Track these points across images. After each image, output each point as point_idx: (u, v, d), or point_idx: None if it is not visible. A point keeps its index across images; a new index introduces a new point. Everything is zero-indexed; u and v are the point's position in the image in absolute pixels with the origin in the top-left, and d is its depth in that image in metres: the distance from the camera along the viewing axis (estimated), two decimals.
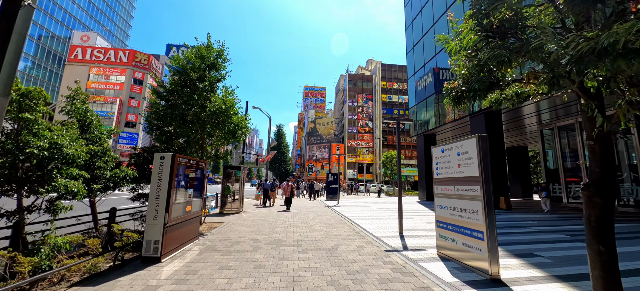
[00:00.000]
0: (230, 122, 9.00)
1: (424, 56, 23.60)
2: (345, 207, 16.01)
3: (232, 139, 9.46)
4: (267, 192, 17.88)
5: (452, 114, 19.21)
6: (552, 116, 17.52)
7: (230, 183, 12.88)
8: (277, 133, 65.55)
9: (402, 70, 62.39)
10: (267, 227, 8.62)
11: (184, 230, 5.78)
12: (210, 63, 9.06)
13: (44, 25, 63.52)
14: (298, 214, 12.07)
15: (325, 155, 59.87)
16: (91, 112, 5.63)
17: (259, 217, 10.89)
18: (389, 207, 16.32)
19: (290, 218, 10.62)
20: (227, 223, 9.42)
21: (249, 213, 12.02)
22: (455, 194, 5.05)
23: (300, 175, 70.14)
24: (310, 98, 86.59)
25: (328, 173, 23.32)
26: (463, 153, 4.88)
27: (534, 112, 16.99)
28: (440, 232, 5.51)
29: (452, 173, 5.15)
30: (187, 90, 8.42)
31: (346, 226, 8.89)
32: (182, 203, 5.67)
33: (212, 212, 12.50)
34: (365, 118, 60.11)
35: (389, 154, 36.03)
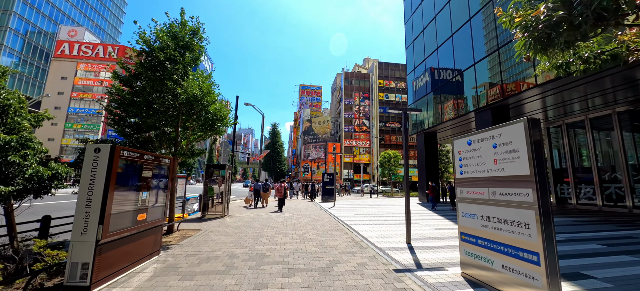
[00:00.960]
0: (208, 111, 7.67)
1: (425, 51, 22.47)
2: (342, 209, 14.75)
3: (210, 132, 8.11)
4: (258, 192, 16.64)
5: (454, 111, 18.10)
6: (559, 112, 16.50)
7: (217, 183, 11.54)
8: (272, 132, 64.12)
9: (399, 69, 61.45)
10: (250, 236, 7.30)
11: (135, 245, 4.45)
12: (184, 43, 7.73)
13: (30, 20, 61.18)
14: (290, 218, 10.78)
15: (321, 155, 58.60)
16: (9, 92, 4.29)
17: (245, 222, 9.57)
18: (389, 209, 15.11)
19: (280, 224, 9.31)
20: (206, 230, 8.08)
21: (235, 218, 10.68)
22: (490, 199, 3.81)
23: (296, 175, 68.75)
24: (306, 97, 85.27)
25: (324, 173, 22.06)
26: (502, 145, 3.64)
27: (540, 109, 15.95)
28: (466, 248, 4.27)
29: (485, 172, 3.91)
30: (157, 75, 7.07)
31: (343, 235, 7.62)
32: (130, 211, 4.34)
33: (193, 216, 11.15)
34: (362, 117, 59.00)
35: (386, 153, 34.91)
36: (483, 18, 16.01)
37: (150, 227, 4.91)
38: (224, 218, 10.49)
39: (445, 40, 19.52)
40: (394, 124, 57.78)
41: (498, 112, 15.19)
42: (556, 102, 14.77)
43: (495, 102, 14.57)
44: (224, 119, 8.08)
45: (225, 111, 8.07)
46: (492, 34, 15.14)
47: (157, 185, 5.11)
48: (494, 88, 14.74)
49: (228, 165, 11.22)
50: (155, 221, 5.09)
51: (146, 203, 4.72)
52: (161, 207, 5.31)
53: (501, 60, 14.37)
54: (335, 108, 71.07)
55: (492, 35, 15.09)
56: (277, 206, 14.22)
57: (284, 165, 66.59)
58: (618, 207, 14.04)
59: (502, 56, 14.34)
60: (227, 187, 11.38)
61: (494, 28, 15.01)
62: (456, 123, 19.58)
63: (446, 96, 19.42)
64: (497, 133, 3.75)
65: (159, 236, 5.24)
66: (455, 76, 18.15)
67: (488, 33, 15.49)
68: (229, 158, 17.59)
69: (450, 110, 18.58)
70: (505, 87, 14.00)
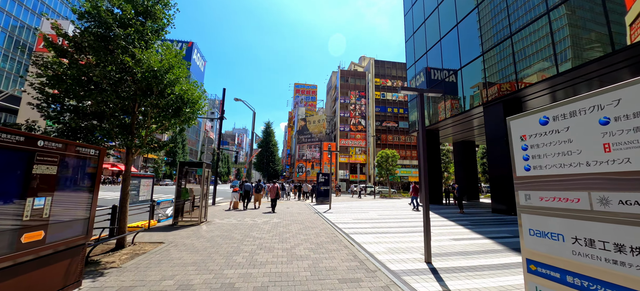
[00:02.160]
0: (172, 92, 6.03)
1: (426, 43, 21.10)
2: (338, 213, 13.19)
3: (176, 121, 6.45)
4: (249, 193, 15.13)
5: (456, 107, 16.73)
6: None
7: (200, 184, 9.86)
8: (265, 131, 62.29)
9: (396, 68, 60.29)
10: (224, 252, 5.68)
11: (16, 283, 2.81)
12: (144, 8, 6.10)
13: (11, 12, 58.25)
14: (278, 224, 9.18)
15: (316, 155, 57.04)
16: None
17: (223, 231, 7.94)
18: (391, 212, 13.62)
19: (265, 233, 7.70)
20: (169, 243, 6.43)
21: (213, 225, 9.03)
22: (593, 210, 2.30)
23: (290, 176, 67.05)
24: (300, 96, 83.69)
25: (319, 173, 20.51)
26: (622, 119, 2.14)
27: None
28: (539, 284, 2.75)
29: (582, 165, 2.40)
30: (100, 43, 5.43)
31: (343, 249, 6.05)
32: (7, 231, 2.71)
33: (165, 222, 9.47)
34: (358, 116, 57.60)
35: (384, 153, 33.48)
36: (492, 3, 14.67)
37: (57, 250, 3.27)
38: (199, 226, 8.83)
39: (449, 31, 18.17)
40: (390, 123, 56.57)
41: (510, 105, 13.87)
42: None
43: (509, 93, 13.21)
44: (193, 104, 6.44)
45: (195, 94, 6.43)
46: (503, 19, 13.80)
47: (70, 186, 3.46)
48: (506, 79, 13.37)
49: (206, 163, 9.55)
50: (69, 240, 3.45)
51: (43, 214, 3.07)
52: (82, 221, 3.66)
53: (515, 50, 13.03)
54: (330, 107, 69.63)
55: (504, 23, 13.76)
56: (270, 206, 14.13)
57: (278, 165, 64.80)
58: None
59: (516, 46, 13.00)
60: (205, 189, 9.71)
61: (505, 11, 13.66)
62: (458, 121, 18.23)
63: (449, 92, 18.04)
64: (609, 98, 2.24)
65: (77, 262, 3.59)
66: (461, 68, 16.79)
67: (498, 18, 14.15)
68: (213, 155, 15.90)
69: (454, 106, 17.20)
70: (518, 80, 12.64)
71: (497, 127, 14.00)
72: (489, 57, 14.62)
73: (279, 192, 15.62)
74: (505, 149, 13.47)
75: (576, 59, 10.38)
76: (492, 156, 14.42)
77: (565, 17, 10.82)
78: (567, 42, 10.66)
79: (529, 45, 12.29)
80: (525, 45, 12.55)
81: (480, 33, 15.37)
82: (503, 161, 13.55)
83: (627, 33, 8.90)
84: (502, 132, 13.65)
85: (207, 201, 10.07)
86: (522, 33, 12.72)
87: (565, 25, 10.81)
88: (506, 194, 13.29)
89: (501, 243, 6.71)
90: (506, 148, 13.38)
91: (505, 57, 13.81)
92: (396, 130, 56.72)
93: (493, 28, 14.63)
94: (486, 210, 14.86)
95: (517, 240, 7.01)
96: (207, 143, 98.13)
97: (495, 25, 14.43)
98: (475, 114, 16.85)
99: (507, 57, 13.51)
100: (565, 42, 10.73)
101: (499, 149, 13.86)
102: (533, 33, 12.19)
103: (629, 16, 8.89)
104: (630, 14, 8.88)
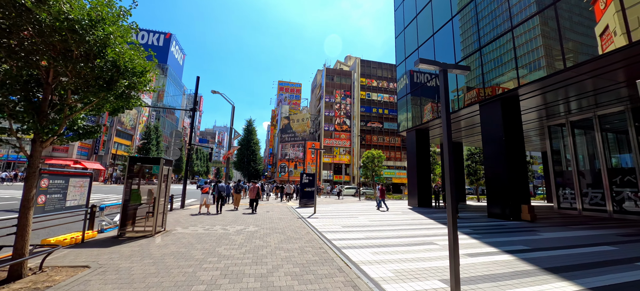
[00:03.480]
0: (104, 54, 4.26)
1: (418, 38, 20.17)
2: (324, 217, 11.70)
3: (109, 98, 4.66)
4: (222, 194, 13.35)
5: (456, 104, 15.83)
6: (565, 109, 14.79)
7: (165, 183, 7.96)
8: (247, 128, 59.73)
9: (382, 68, 59.89)
10: (168, 285, 4.00)
11: None
12: None
13: None
14: (254, 235, 7.54)
15: (300, 154, 55.35)
16: None
17: (181, 247, 6.19)
18: (382, 216, 12.30)
19: (235, 250, 6.04)
20: (95, 269, 4.62)
21: (172, 236, 7.23)
22: None
23: (272, 176, 64.85)
24: (284, 94, 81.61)
25: (302, 173, 18.95)
26: None
27: (541, 106, 14.08)
28: None
29: None
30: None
31: (338, 275, 4.55)
32: None
33: (109, 233, 7.55)
34: (343, 115, 56.58)
35: (370, 153, 32.48)
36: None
37: None
38: (153, 238, 6.99)
39: (443, 25, 17.26)
40: (375, 124, 55.99)
41: (508, 103, 13.04)
42: (543, 102, 12.83)
43: (509, 90, 12.33)
44: (134, 75, 4.67)
45: (137, 61, 4.67)
46: (504, 12, 12.95)
47: None
48: (506, 76, 12.49)
49: (165, 158, 7.69)
50: None
51: None
52: None
53: (516, 45, 12.18)
54: (315, 106, 68.18)
55: (505, 16, 12.90)
56: (250, 207, 13.73)
57: (259, 165, 62.40)
58: None
59: (518, 40, 12.16)
60: (161, 191, 7.85)
61: (506, 3, 12.81)
62: (454, 119, 17.37)
63: None
64: None
65: None
66: (457, 62, 15.87)
67: (499, 11, 13.28)
68: (179, 147, 13.91)
69: (449, 103, 16.26)
70: (519, 76, 11.78)
71: (495, 126, 13.12)
72: (487, 52, 13.74)
73: (260, 192, 14.75)
74: (503, 149, 12.60)
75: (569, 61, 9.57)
76: (489, 157, 13.53)
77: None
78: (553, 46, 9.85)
79: (533, 39, 11.45)
80: (529, 38, 11.70)
81: (478, 27, 14.50)
82: (501, 162, 12.68)
83: (599, 43, 9.00)
84: (500, 131, 12.78)
85: (166, 206, 8.21)
86: (525, 25, 11.88)
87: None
88: (504, 197, 12.41)
89: (526, 260, 5.51)
90: (504, 148, 12.52)
91: (503, 53, 12.97)
92: (381, 131, 56.23)
93: (491, 23, 13.79)
94: (481, 215, 13.96)
95: (541, 255, 5.87)
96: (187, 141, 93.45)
97: (494, 20, 13.58)
98: (465, 114, 16.02)
99: (508, 52, 12.66)
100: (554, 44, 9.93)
101: (497, 149, 12.98)
102: (534, 27, 11.36)
103: (598, 28, 9.08)
104: (598, 25, 9.06)
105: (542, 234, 8.56)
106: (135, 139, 59.87)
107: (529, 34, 11.72)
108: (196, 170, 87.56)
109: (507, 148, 12.48)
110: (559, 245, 7.07)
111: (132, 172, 7.57)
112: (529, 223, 11.02)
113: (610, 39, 8.61)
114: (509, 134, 12.67)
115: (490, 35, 13.67)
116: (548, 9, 10.79)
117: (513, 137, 12.72)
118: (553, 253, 6.20)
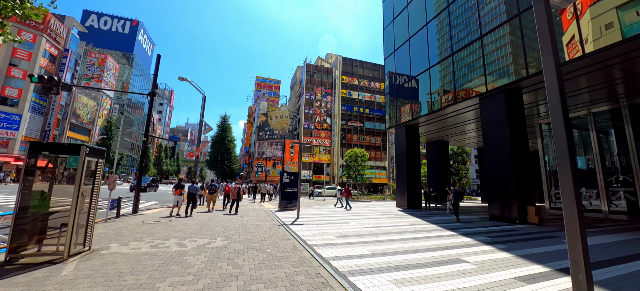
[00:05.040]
0: None
1: (409, 28, 18.91)
2: (310, 224, 9.75)
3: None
4: (194, 196, 11.25)
5: (449, 99, 14.64)
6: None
7: (93, 182, 5.56)
8: (221, 125, 56.05)
9: (363, 67, 59.09)
10: None
11: None
12: None
13: None
14: (221, 254, 5.43)
15: (278, 153, 52.83)
16: None
17: (99, 282, 3.97)
18: (378, 221, 10.57)
19: (186, 287, 3.94)
20: None
21: (97, 259, 4.91)
22: None
23: (248, 175, 61.56)
24: (262, 91, 78.37)
25: (281, 172, 16.83)
26: None
27: (541, 101, 13.32)
28: None
29: None
30: None
31: None
32: None
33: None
34: (324, 114, 54.89)
35: (353, 152, 31.05)
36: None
37: None
38: (63, 265, 4.65)
39: (439, 12, 16.04)
40: (356, 123, 54.98)
41: (512, 95, 11.97)
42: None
43: (513, 81, 11.20)
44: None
45: None
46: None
47: None
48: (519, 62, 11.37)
49: (88, 146, 5.31)
50: None
51: None
52: None
53: (523, 33, 11.10)
54: (294, 104, 65.86)
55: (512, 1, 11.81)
56: (230, 207, 13.06)
57: (235, 164, 58.93)
58: None
59: (525, 28, 11.08)
60: (85, 192, 5.47)
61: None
62: (449, 114, 16.23)
63: (438, 80, 15.91)
64: None
65: None
66: (452, 55, 14.69)
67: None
68: (131, 140, 11.14)
69: (446, 97, 15.03)
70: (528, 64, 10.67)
71: (497, 121, 11.98)
72: (489, 41, 12.61)
73: (241, 193, 13.89)
74: (507, 146, 11.47)
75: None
76: (490, 154, 12.39)
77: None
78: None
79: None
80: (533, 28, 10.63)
81: (479, 15, 13.36)
82: (504, 160, 11.55)
83: (565, 51, 9.29)
84: (503, 126, 11.64)
85: (93, 214, 5.80)
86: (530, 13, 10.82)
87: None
88: (508, 198, 11.26)
89: (608, 287, 4.00)
90: (509, 145, 11.38)
91: (505, 43, 11.88)
92: (361, 130, 55.32)
93: (494, 10, 12.69)
94: (479, 217, 12.79)
95: (609, 275, 4.42)
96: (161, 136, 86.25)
97: (498, 6, 12.48)
98: (471, 106, 14.89)
99: (515, 40, 11.56)
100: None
101: (500, 147, 11.85)
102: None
103: (565, 37, 9.35)
104: (566, 35, 9.33)
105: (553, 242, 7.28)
106: (93, 134, 53.85)
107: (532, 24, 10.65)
108: (165, 169, 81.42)
109: (512, 145, 11.36)
110: (606, 256, 5.74)
111: (34, 166, 5.11)
112: (539, 227, 9.88)
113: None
114: (514, 129, 11.57)
115: (491, 25, 12.55)
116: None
117: (518, 133, 11.64)
118: (617, 270, 4.78)
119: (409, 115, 18.14)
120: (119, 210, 10.35)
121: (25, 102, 41.32)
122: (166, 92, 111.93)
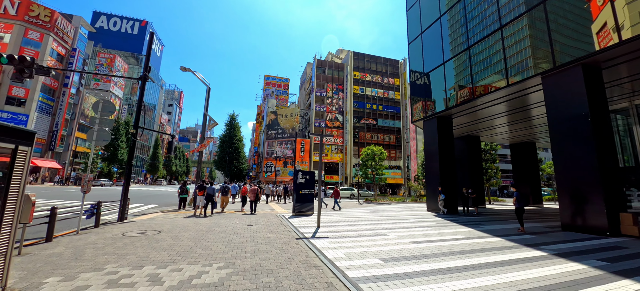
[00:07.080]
0: None
1: (440, 4, 16.40)
2: (338, 239, 7.45)
3: None
4: (212, 197, 11.95)
5: (497, 78, 12.09)
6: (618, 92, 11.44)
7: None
8: (229, 124, 54.48)
9: (376, 62, 56.43)
10: None
11: None
12: None
13: None
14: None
15: (288, 152, 50.79)
16: None
17: None
18: (425, 232, 8.15)
19: None
20: None
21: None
22: None
23: (257, 176, 59.82)
24: (271, 89, 76.72)
25: (295, 172, 14.61)
26: None
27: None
28: None
29: None
30: None
31: None
32: None
33: None
34: (335, 111, 52.55)
35: (369, 150, 28.56)
36: None
37: None
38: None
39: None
40: (369, 120, 52.41)
41: (590, 72, 9.37)
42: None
43: (585, 56, 8.61)
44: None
45: None
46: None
47: None
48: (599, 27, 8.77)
49: (20, 128, 3.22)
50: None
51: None
52: None
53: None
54: (304, 102, 63.78)
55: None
56: (250, 208, 13.35)
57: (243, 164, 57.25)
58: None
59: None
60: (24, 197, 3.35)
61: None
62: (491, 102, 13.64)
63: (480, 60, 13.36)
64: None
65: None
66: (501, 28, 12.14)
67: None
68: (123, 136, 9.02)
69: (491, 79, 12.45)
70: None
71: (573, 103, 9.39)
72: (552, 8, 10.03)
73: (259, 194, 14.49)
74: (588, 134, 8.87)
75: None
76: (560, 145, 9.80)
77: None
78: None
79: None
80: None
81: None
82: (585, 151, 8.95)
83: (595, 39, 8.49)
84: (583, 107, 9.05)
85: (13, 234, 3.67)
86: None
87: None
88: (591, 202, 8.67)
89: None
90: (591, 133, 8.78)
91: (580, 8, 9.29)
92: (374, 128, 52.69)
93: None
94: (543, 225, 10.19)
95: None
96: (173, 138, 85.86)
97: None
98: (527, 88, 12.28)
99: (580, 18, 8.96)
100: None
101: (575, 135, 9.26)
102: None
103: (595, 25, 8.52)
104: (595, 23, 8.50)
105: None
106: None
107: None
108: (175, 170, 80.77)
109: (595, 133, 8.76)
110: None
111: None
112: (636, 239, 7.27)
113: None
114: (597, 113, 8.97)
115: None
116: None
117: (602, 117, 9.03)
118: None
119: (443, 104, 15.60)
120: (98, 217, 8.32)
121: (33, 102, 40.72)
122: (175, 93, 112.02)
